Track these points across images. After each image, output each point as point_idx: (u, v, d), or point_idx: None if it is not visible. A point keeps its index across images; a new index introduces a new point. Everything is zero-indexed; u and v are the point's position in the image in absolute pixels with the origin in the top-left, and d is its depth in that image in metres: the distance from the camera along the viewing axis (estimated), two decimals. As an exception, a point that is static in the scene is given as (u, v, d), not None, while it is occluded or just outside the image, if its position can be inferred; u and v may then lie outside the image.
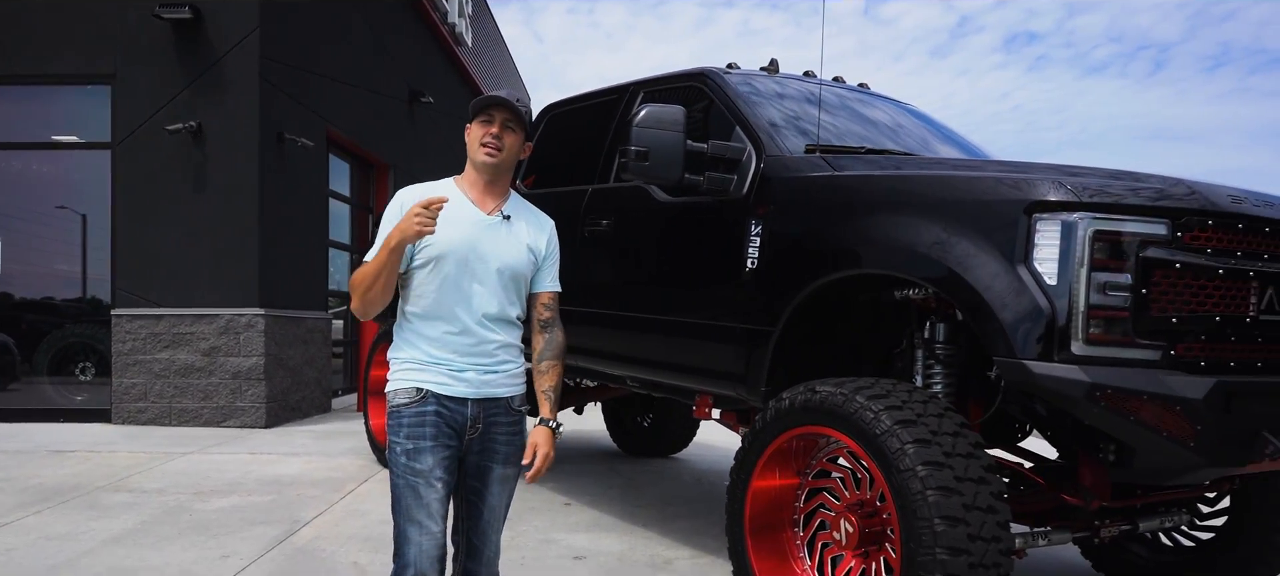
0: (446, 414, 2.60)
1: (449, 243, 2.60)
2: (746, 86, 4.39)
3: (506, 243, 2.70)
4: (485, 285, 2.65)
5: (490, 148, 2.66)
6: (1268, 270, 3.00)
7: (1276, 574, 4.12)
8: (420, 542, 2.55)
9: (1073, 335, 2.85)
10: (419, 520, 2.55)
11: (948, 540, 2.82)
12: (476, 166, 2.71)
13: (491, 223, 2.69)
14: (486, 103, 2.69)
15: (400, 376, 2.64)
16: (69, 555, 4.45)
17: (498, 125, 2.68)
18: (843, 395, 3.16)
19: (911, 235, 3.23)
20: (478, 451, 2.68)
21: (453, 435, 2.62)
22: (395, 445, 2.60)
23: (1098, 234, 2.85)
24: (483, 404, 2.65)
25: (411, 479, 2.56)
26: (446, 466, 2.61)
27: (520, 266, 2.72)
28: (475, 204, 2.70)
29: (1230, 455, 2.92)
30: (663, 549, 4.87)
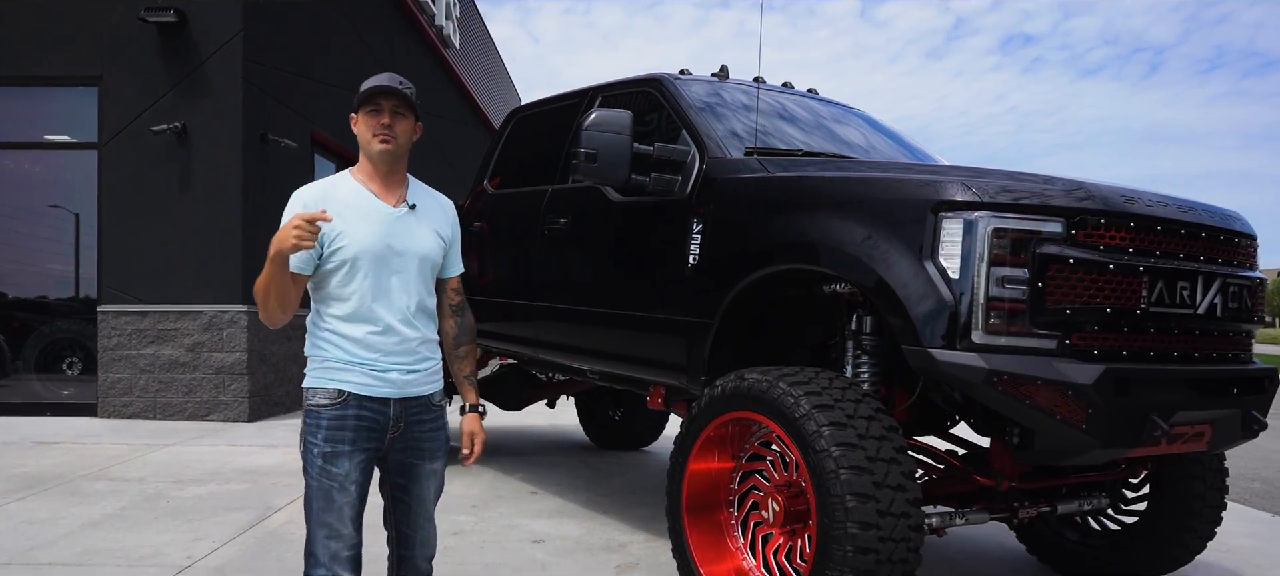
0: (368, 416, 2.56)
1: (362, 242, 2.55)
2: (694, 92, 4.61)
3: (418, 233, 2.67)
4: (403, 280, 2.62)
5: (383, 137, 2.59)
6: (1158, 265, 3.22)
7: (1193, 556, 4.36)
8: (331, 547, 2.53)
9: (973, 325, 3.08)
10: (330, 524, 2.52)
11: (858, 515, 3.04)
12: (373, 159, 2.63)
13: (400, 215, 2.64)
14: (372, 92, 2.60)
15: (320, 375, 2.57)
16: (48, 537, 4.66)
17: (387, 114, 2.60)
18: (767, 382, 3.38)
19: (831, 233, 3.46)
20: (401, 449, 2.65)
21: (372, 437, 2.58)
22: (312, 447, 2.54)
23: (996, 231, 3.07)
24: (404, 403, 2.62)
25: (326, 482, 2.52)
26: (363, 470, 2.58)
27: (434, 255, 2.70)
28: (379, 197, 2.63)
29: (1121, 438, 3.13)
30: (619, 534, 5.08)
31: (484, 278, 5.86)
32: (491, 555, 4.58)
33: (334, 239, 2.54)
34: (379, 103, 2.61)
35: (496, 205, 5.85)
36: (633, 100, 4.87)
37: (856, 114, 5.40)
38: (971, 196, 3.13)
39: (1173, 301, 3.26)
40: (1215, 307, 3.39)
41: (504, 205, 5.76)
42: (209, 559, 4.37)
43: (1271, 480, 8.24)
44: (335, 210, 2.55)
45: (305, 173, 10.80)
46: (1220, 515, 4.31)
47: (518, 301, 5.44)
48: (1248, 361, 3.67)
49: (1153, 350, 3.25)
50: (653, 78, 4.78)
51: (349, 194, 2.62)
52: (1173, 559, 4.32)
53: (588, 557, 4.62)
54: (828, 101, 5.35)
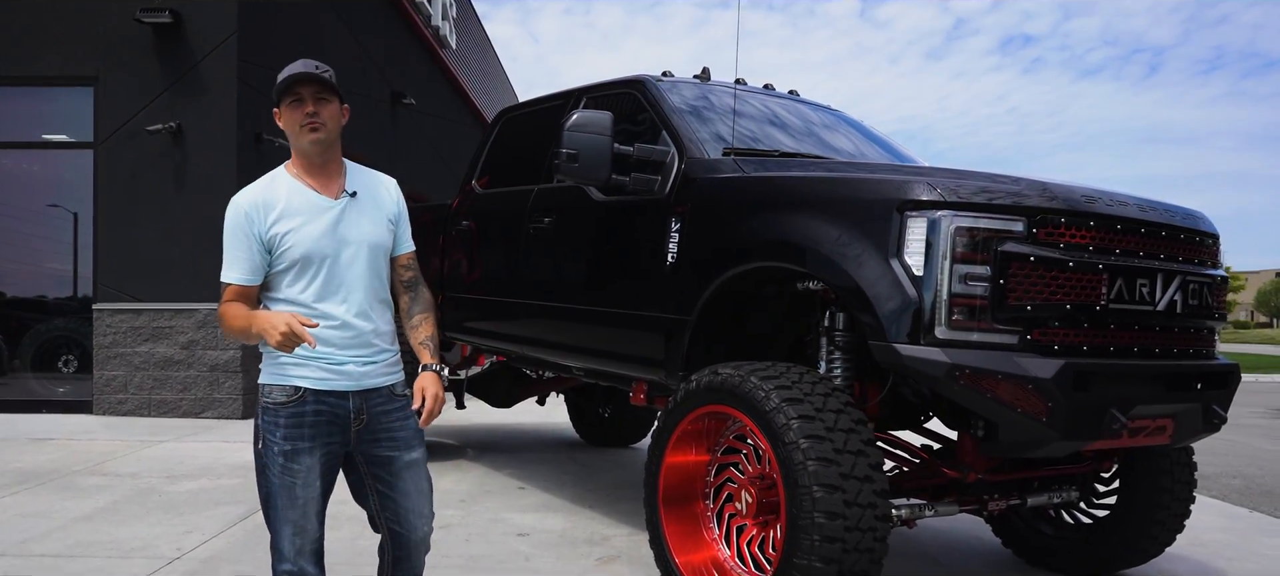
0: (326, 410, 2.53)
1: (308, 241, 2.52)
2: (675, 93, 4.70)
3: (363, 222, 2.62)
4: (355, 272, 2.58)
5: (312, 125, 2.53)
6: (1118, 263, 3.31)
7: (1162, 548, 4.45)
8: (296, 542, 2.53)
9: (937, 321, 3.17)
10: (293, 520, 2.52)
11: (825, 505, 3.13)
12: (306, 151, 2.58)
13: (342, 205, 2.60)
14: (289, 82, 2.53)
15: (276, 371, 2.54)
16: (41, 531, 4.75)
17: (310, 101, 2.54)
18: (739, 376, 3.48)
19: (802, 231, 3.55)
20: (371, 442, 2.62)
21: (333, 432, 2.55)
22: (272, 444, 2.51)
23: (959, 230, 3.16)
24: (364, 395, 2.59)
25: (287, 479, 2.50)
26: (325, 465, 2.56)
27: (383, 241, 2.67)
28: (318, 191, 2.59)
29: (1081, 430, 3.23)
30: (603, 527, 5.18)
31: (472, 275, 5.95)
32: (476, 548, 4.67)
33: (280, 241, 2.51)
34: (299, 92, 2.54)
35: (484, 204, 5.94)
36: (617, 101, 4.96)
37: (836, 115, 5.49)
38: (936, 196, 3.22)
39: (1132, 298, 3.35)
40: (1175, 304, 3.48)
41: (491, 204, 5.85)
42: (197, 551, 4.46)
43: (1253, 477, 8.34)
44: (276, 210, 2.52)
45: (300, 172, 10.87)
46: (1188, 508, 4.40)
47: (505, 299, 5.53)
48: (1210, 357, 3.76)
49: (1113, 345, 3.34)
50: (635, 79, 4.87)
51: (287, 192, 2.56)
52: (1142, 551, 4.41)
53: (571, 550, 4.72)
54: (809, 103, 5.44)
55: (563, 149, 4.20)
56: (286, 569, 2.55)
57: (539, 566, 4.41)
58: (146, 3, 8.87)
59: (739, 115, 4.74)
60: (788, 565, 3.21)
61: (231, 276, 2.55)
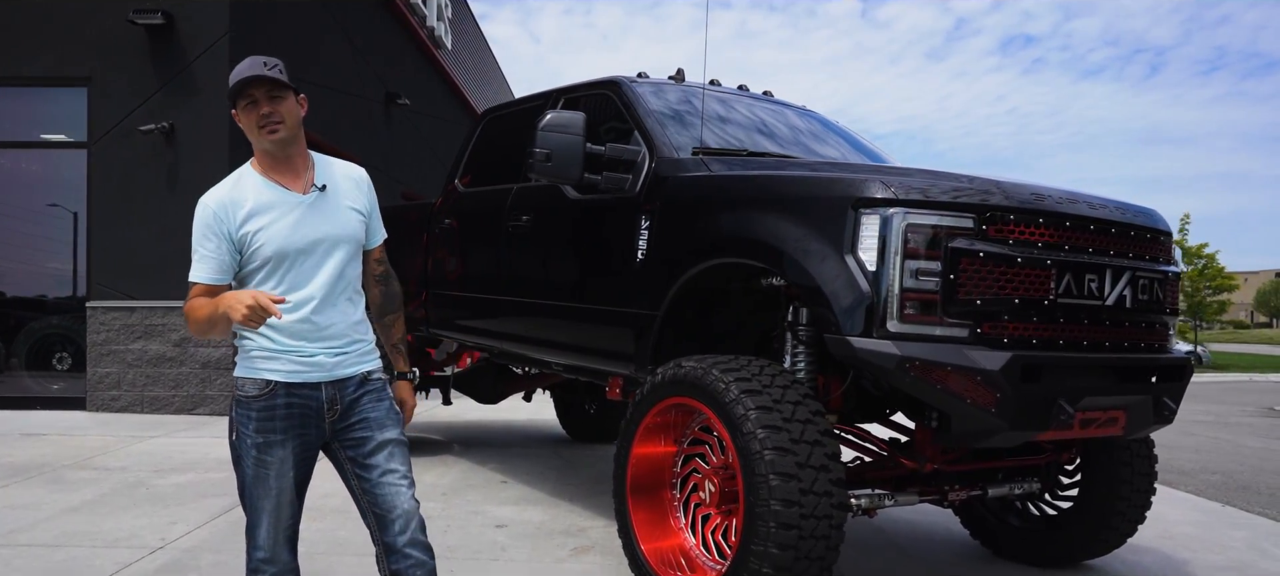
0: (298, 403, 2.53)
1: (279, 239, 2.50)
2: (649, 94, 4.80)
3: (333, 215, 2.60)
4: (325, 267, 2.57)
5: (271, 126, 2.49)
6: (1066, 259, 3.41)
7: (1124, 539, 4.55)
8: (271, 531, 2.56)
9: (889, 315, 3.27)
10: (268, 509, 2.55)
11: (781, 493, 3.23)
12: (268, 151, 2.54)
13: (311, 200, 2.57)
14: (240, 87, 2.49)
15: (248, 365, 2.55)
16: (29, 522, 4.85)
17: (264, 102, 2.49)
18: (702, 369, 3.58)
19: (763, 228, 3.65)
20: (346, 427, 2.61)
21: (305, 423, 2.56)
22: (245, 437, 2.53)
23: (910, 227, 3.27)
24: (337, 385, 2.58)
25: (261, 471, 2.53)
26: (299, 455, 2.57)
27: (354, 233, 2.65)
28: (286, 187, 2.55)
29: (1029, 421, 3.33)
30: (580, 520, 5.28)
31: (455, 273, 6.05)
32: (453, 538, 4.77)
33: (251, 240, 2.49)
34: (252, 94, 2.49)
35: (466, 203, 6.04)
36: (594, 102, 5.06)
37: (810, 115, 5.59)
38: (889, 194, 3.33)
39: (1081, 293, 3.45)
40: (1124, 299, 3.58)
41: (473, 203, 5.95)
42: (181, 541, 4.56)
43: (1232, 473, 8.44)
44: (245, 209, 2.50)
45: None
46: (1149, 499, 4.50)
47: (486, 297, 5.64)
48: (1163, 350, 3.85)
49: (1062, 339, 3.44)
50: (610, 80, 4.98)
51: (255, 190, 2.53)
52: (1104, 541, 4.51)
53: (547, 541, 4.82)
54: (783, 104, 5.54)
55: (537, 148, 4.30)
56: (261, 555, 2.58)
57: (514, 556, 4.51)
58: (139, 3, 8.97)
59: (713, 116, 4.85)
60: (745, 551, 3.32)
61: (200, 275, 2.52)
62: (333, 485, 2.85)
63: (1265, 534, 5.67)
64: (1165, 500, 6.59)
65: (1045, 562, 4.66)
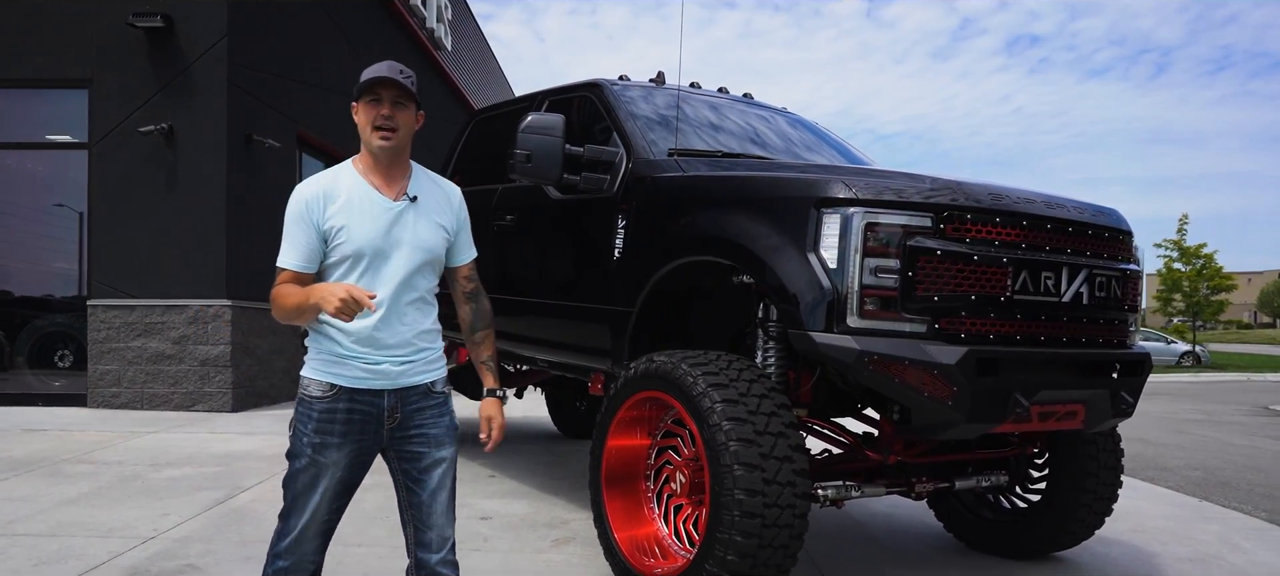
0: (360, 409, 2.57)
1: (362, 238, 2.54)
2: (628, 96, 4.93)
3: (419, 226, 2.63)
4: (402, 274, 2.59)
5: (384, 131, 2.56)
6: (1023, 257, 3.53)
7: (1090, 532, 4.66)
8: (303, 523, 2.59)
9: (849, 311, 3.39)
10: (308, 506, 2.58)
11: (745, 483, 3.35)
12: (373, 153, 2.60)
13: (400, 208, 2.61)
14: (372, 82, 2.56)
15: (315, 367, 2.59)
16: (27, 513, 4.99)
17: (387, 104, 2.56)
18: (671, 363, 3.70)
19: (731, 227, 3.78)
20: (403, 438, 2.64)
21: (365, 430, 2.59)
22: (302, 435, 2.57)
23: (870, 226, 3.38)
24: (400, 393, 2.61)
25: (312, 469, 2.56)
26: (353, 459, 2.60)
27: (435, 247, 2.67)
28: (380, 190, 2.61)
29: (986, 413, 3.44)
30: (564, 512, 5.40)
31: (444, 272, 6.18)
32: (439, 529, 4.89)
33: (336, 234, 2.54)
34: (379, 93, 2.56)
35: (454, 203, 6.16)
36: (577, 104, 5.19)
37: (789, 117, 5.71)
38: (849, 194, 3.44)
39: (1038, 290, 3.57)
40: (1081, 296, 3.69)
41: (460, 203, 6.07)
42: (174, 531, 4.70)
43: (1214, 469, 8.54)
44: (336, 204, 2.56)
45: (290, 171, 11.14)
46: (1115, 493, 4.60)
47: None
48: (1121, 346, 3.96)
49: (1019, 334, 3.55)
50: (592, 83, 5.10)
51: (350, 187, 2.59)
52: (1071, 533, 4.61)
53: (530, 532, 4.94)
54: (762, 106, 5.66)
55: (518, 150, 4.43)
56: (286, 542, 2.60)
57: (496, 546, 4.64)
58: (139, 7, 9.11)
59: (693, 119, 4.97)
60: (711, 538, 3.44)
61: (287, 261, 2.55)
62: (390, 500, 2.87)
63: (1237, 528, 5.78)
64: (1143, 495, 6.72)
65: (1015, 554, 4.78)
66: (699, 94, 5.37)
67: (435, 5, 16.84)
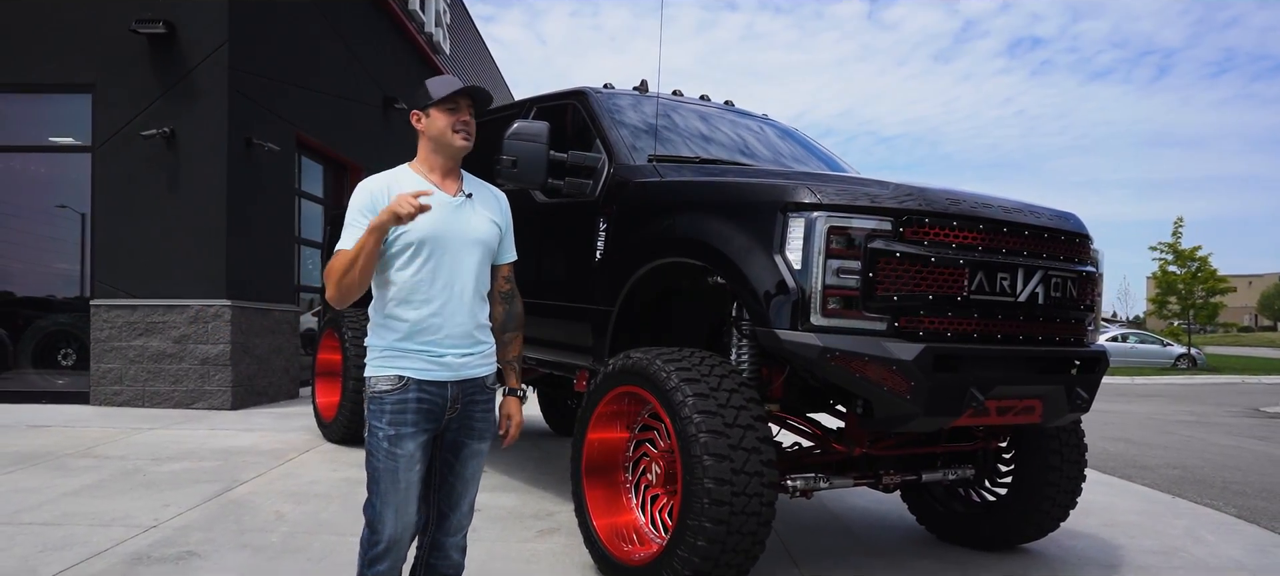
0: (427, 398, 2.67)
1: (424, 228, 2.66)
2: (612, 104, 5.12)
3: (475, 220, 2.79)
4: (461, 266, 2.72)
5: (464, 133, 2.77)
6: (979, 259, 3.71)
7: (1056, 524, 4.84)
8: (397, 524, 2.68)
9: (813, 310, 3.57)
10: (397, 503, 2.67)
11: (714, 472, 3.54)
12: (450, 151, 2.77)
13: (458, 203, 2.77)
14: (455, 94, 2.76)
15: (381, 362, 2.69)
16: (32, 504, 5.18)
17: (465, 111, 2.78)
18: (647, 359, 3.89)
19: (704, 230, 3.97)
20: (455, 428, 2.77)
21: (432, 419, 2.69)
22: (377, 430, 2.66)
23: (832, 229, 3.57)
24: (461, 385, 2.73)
25: (392, 464, 2.64)
26: (425, 449, 2.71)
27: (490, 241, 2.83)
28: (439, 187, 2.76)
29: (943, 407, 3.62)
30: (550, 505, 5.59)
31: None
32: (429, 521, 5.08)
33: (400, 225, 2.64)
34: (459, 101, 2.77)
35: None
36: (563, 111, 5.38)
37: (771, 123, 5.90)
38: (813, 199, 3.63)
39: (993, 290, 3.75)
40: (1037, 296, 3.88)
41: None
42: (173, 521, 4.89)
43: (1193, 468, 8.71)
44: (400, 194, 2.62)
45: (289, 174, 11.34)
46: (1079, 486, 4.78)
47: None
48: (1079, 344, 4.14)
49: (976, 332, 3.74)
50: (577, 91, 5.29)
51: (411, 184, 2.73)
52: (1036, 525, 4.79)
53: (516, 524, 5.13)
54: (743, 113, 5.85)
55: (504, 156, 4.61)
56: (381, 546, 2.69)
57: (483, 537, 4.82)
58: (141, 13, 9.32)
59: (674, 126, 5.16)
60: (683, 525, 3.62)
61: (348, 245, 2.63)
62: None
63: (1204, 522, 5.95)
64: (1118, 492, 6.91)
65: (984, 546, 4.95)
66: (681, 102, 5.56)
67: (434, 10, 17.05)
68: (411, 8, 15.71)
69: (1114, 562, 4.85)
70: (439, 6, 17.49)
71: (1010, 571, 4.60)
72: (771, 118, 6.03)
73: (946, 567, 4.62)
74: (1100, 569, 4.71)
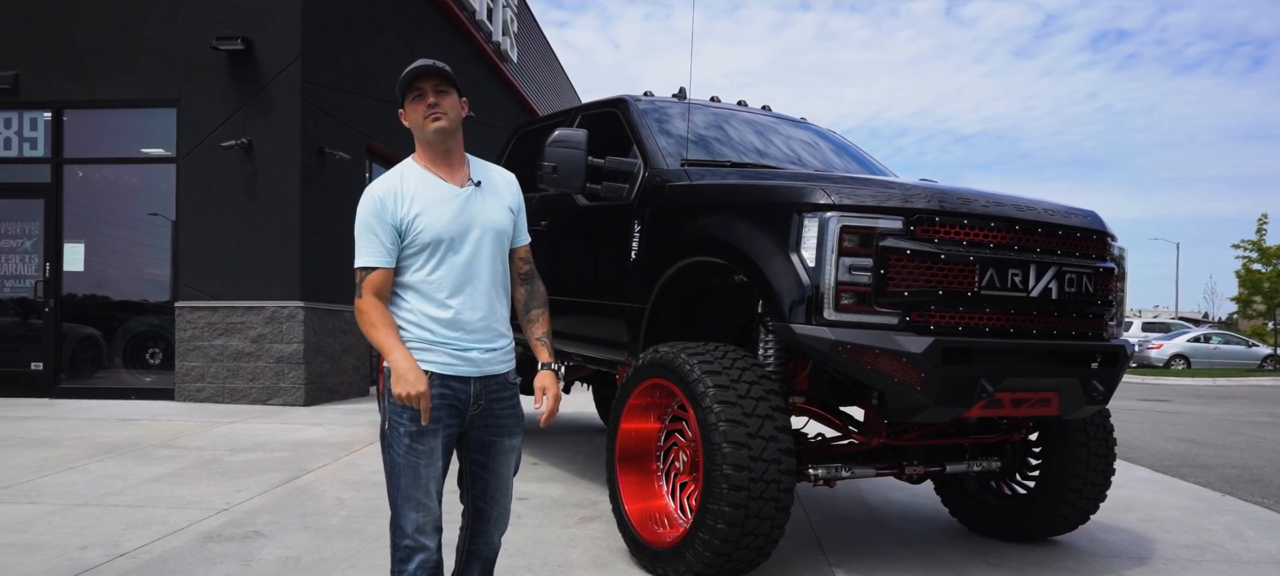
0: (450, 394, 2.64)
1: (439, 226, 2.64)
2: (650, 111, 5.36)
3: (488, 208, 2.75)
4: (480, 258, 2.70)
5: (435, 114, 2.66)
6: (990, 256, 3.85)
7: (1085, 517, 4.90)
8: (417, 519, 2.65)
9: (826, 305, 3.76)
10: (418, 498, 2.64)
11: (733, 460, 3.75)
12: (430, 140, 2.70)
13: (468, 193, 2.72)
14: (411, 77, 2.68)
15: None
16: (118, 487, 5.64)
17: (431, 93, 2.67)
18: (672, 353, 4.12)
19: (727, 230, 4.18)
20: (481, 426, 2.75)
21: (455, 414, 2.66)
22: (397, 426, 2.62)
23: (845, 228, 3.75)
24: (484, 381, 2.71)
25: (413, 459, 2.61)
26: (447, 445, 2.68)
27: (505, 227, 2.80)
28: (445, 180, 2.71)
29: (954, 398, 3.77)
30: (593, 495, 5.85)
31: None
32: (478, 507, 5.38)
33: (411, 226, 2.64)
34: (420, 86, 2.68)
35: (498, 210, 6.67)
36: (605, 119, 5.65)
37: (805, 126, 6.08)
38: (827, 200, 3.82)
39: (1005, 285, 3.88)
40: (1051, 292, 3.99)
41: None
42: (243, 505, 5.28)
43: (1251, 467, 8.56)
44: (407, 197, 2.65)
45: (360, 180, 11.84)
46: (1108, 480, 4.85)
47: (515, 294, 6.26)
48: (1096, 338, 4.23)
49: (988, 326, 3.88)
50: (618, 99, 5.55)
51: (417, 182, 2.69)
52: (1064, 518, 4.86)
53: (560, 512, 5.40)
54: (779, 116, 6.04)
55: (545, 162, 4.89)
56: (408, 543, 2.67)
57: (527, 522, 5.10)
58: (221, 32, 9.88)
59: (709, 130, 5.38)
60: (704, 510, 3.84)
61: (367, 259, 2.64)
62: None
63: (1247, 519, 5.93)
64: (1165, 489, 6.89)
65: (1014, 538, 5.04)
66: (718, 107, 5.77)
67: (501, 20, 17.50)
68: (479, 18, 16.16)
69: (1143, 555, 4.90)
70: (506, 16, 17.94)
71: (1036, 561, 4.70)
72: (809, 121, 6.21)
73: (972, 558, 4.74)
74: (1127, 561, 4.77)
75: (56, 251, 10.55)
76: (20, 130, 10.62)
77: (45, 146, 10.58)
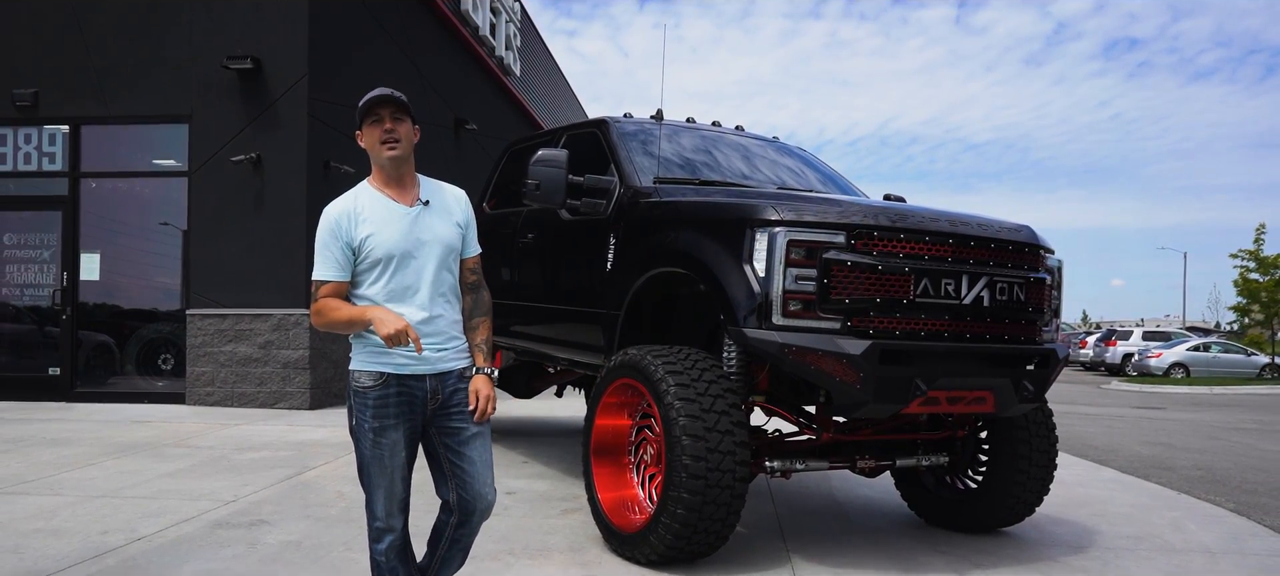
0: (407, 392, 2.89)
1: (389, 244, 2.86)
2: (626, 132, 5.76)
3: (435, 224, 2.97)
4: (428, 270, 2.92)
5: (390, 142, 2.89)
6: (924, 267, 4.24)
7: (1030, 510, 5.28)
8: (387, 503, 2.95)
9: (774, 311, 4.15)
10: (384, 486, 2.93)
11: (691, 452, 4.14)
12: (384, 165, 2.92)
13: (417, 212, 2.94)
14: (370, 105, 2.91)
15: (363, 360, 2.91)
16: (133, 482, 6.06)
17: (388, 120, 2.90)
18: (640, 355, 4.51)
19: (689, 243, 4.58)
20: (443, 418, 2.97)
21: (413, 410, 2.92)
22: (362, 423, 2.89)
23: (791, 242, 4.14)
24: (438, 377, 2.94)
25: (377, 452, 2.89)
26: (408, 438, 2.94)
27: (453, 242, 3.01)
28: (396, 200, 2.93)
29: (890, 395, 4.16)
30: (578, 490, 6.21)
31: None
32: (468, 500, 5.79)
33: (364, 244, 2.87)
34: (379, 112, 2.91)
35: (489, 224, 7.07)
36: (588, 138, 6.06)
37: (780, 146, 6.49)
38: (776, 216, 4.21)
39: (938, 294, 4.27)
40: (981, 299, 4.38)
41: (494, 224, 6.99)
42: (250, 497, 5.69)
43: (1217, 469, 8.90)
44: (360, 217, 2.88)
45: (365, 194, 12.25)
46: (1051, 474, 5.22)
47: (504, 302, 6.65)
48: (1029, 342, 4.61)
49: (923, 331, 4.26)
50: (598, 121, 5.97)
51: (370, 202, 2.92)
52: (1010, 510, 5.24)
53: (544, 505, 5.79)
54: (752, 135, 6.44)
55: (528, 179, 5.30)
56: (379, 525, 2.98)
57: (512, 514, 5.49)
58: (232, 51, 10.34)
59: (683, 149, 5.79)
60: (665, 497, 4.23)
61: (324, 274, 2.88)
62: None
63: (1194, 515, 6.27)
64: (1123, 487, 7.25)
65: (965, 528, 5.41)
66: (693, 128, 6.18)
67: (504, 34, 17.94)
68: (482, 33, 16.61)
69: (1083, 545, 5.26)
70: (509, 31, 18.39)
71: (982, 548, 5.08)
72: (780, 140, 6.61)
73: (922, 547, 5.11)
74: (1067, 549, 5.14)
75: (73, 261, 11.02)
76: (40, 145, 11.10)
77: (63, 160, 11.07)
